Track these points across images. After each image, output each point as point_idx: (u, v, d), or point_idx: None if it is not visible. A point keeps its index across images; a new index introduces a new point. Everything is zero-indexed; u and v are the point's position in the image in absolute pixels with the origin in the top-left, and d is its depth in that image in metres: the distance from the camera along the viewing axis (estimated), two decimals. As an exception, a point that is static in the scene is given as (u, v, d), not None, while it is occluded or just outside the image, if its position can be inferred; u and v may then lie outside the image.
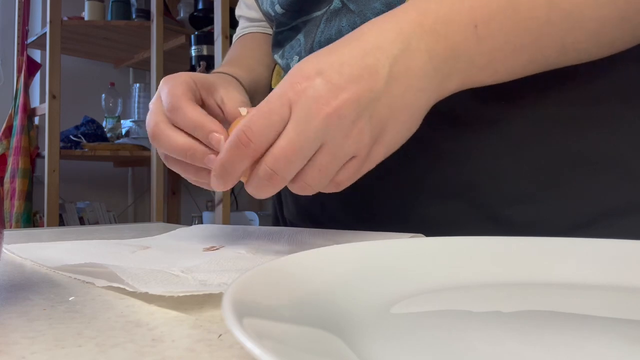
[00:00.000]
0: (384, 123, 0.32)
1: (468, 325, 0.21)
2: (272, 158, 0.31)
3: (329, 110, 0.29)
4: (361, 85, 0.30)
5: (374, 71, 0.30)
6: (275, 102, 0.30)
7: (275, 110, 0.30)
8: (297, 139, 0.30)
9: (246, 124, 0.31)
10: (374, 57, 0.30)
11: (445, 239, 0.30)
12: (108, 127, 2.29)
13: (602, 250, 0.28)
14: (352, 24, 0.41)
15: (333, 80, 0.30)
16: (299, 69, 0.31)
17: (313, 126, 0.30)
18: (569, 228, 0.38)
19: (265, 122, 0.30)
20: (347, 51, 0.31)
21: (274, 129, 0.30)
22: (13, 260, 0.38)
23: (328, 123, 0.30)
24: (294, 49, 0.48)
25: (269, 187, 0.32)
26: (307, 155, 0.31)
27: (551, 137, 0.39)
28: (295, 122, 0.30)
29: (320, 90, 0.30)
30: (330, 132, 0.30)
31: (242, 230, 0.50)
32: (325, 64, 0.30)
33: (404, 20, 0.31)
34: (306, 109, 0.30)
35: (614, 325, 0.21)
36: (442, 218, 0.42)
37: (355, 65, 0.30)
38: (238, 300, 0.16)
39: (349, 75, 0.30)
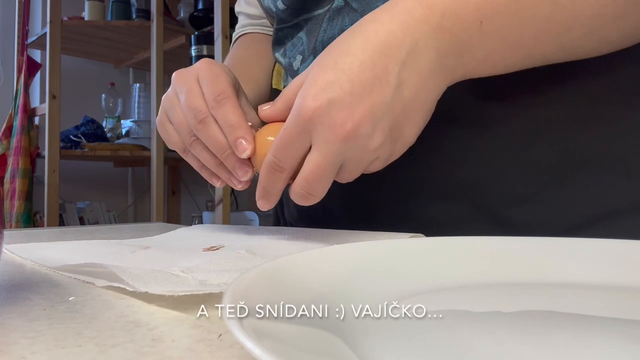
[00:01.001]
0: (400, 126, 0.33)
1: (468, 325, 0.21)
2: (304, 181, 0.33)
3: (346, 133, 0.31)
4: (373, 98, 0.31)
5: (384, 81, 0.31)
6: (291, 130, 0.32)
7: (293, 138, 0.32)
8: (322, 162, 0.32)
9: (275, 154, 0.33)
10: (382, 66, 0.30)
11: (445, 239, 0.30)
12: (108, 127, 2.29)
13: (602, 250, 0.28)
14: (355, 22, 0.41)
15: (344, 102, 0.30)
16: (308, 87, 0.32)
17: (334, 149, 0.31)
18: (569, 228, 0.38)
19: (289, 151, 0.33)
20: (356, 65, 0.31)
21: (298, 155, 0.33)
22: (13, 260, 0.38)
23: (347, 143, 0.31)
24: (296, 48, 0.47)
25: (308, 202, 0.35)
26: (334, 172, 0.33)
27: (552, 138, 0.39)
28: (317, 147, 0.32)
29: (333, 116, 0.31)
30: (351, 149, 0.32)
31: (242, 230, 0.50)
32: (333, 82, 0.31)
33: (410, 16, 0.31)
34: (325, 135, 0.31)
35: (614, 325, 0.21)
36: (443, 218, 0.41)
37: (365, 80, 0.30)
38: (238, 300, 0.16)
39: (360, 92, 0.30)
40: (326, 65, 0.32)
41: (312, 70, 0.33)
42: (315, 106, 0.31)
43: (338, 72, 0.31)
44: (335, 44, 0.33)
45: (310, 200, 0.35)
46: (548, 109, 0.39)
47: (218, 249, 0.40)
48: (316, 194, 0.34)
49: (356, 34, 0.32)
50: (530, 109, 0.39)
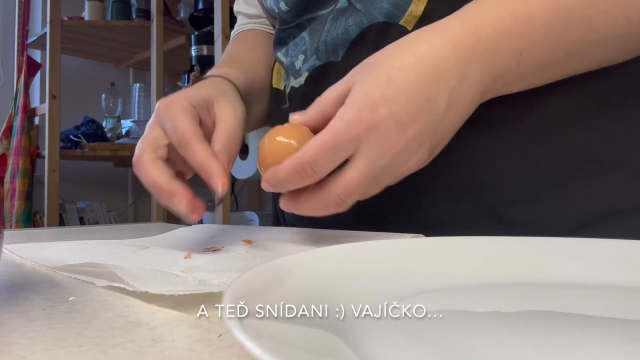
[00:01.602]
0: (438, 144, 0.35)
1: (468, 325, 0.21)
2: (345, 189, 0.33)
3: (398, 149, 0.32)
4: (424, 119, 0.32)
5: (434, 104, 0.32)
6: (342, 135, 0.31)
7: (342, 144, 0.32)
8: (367, 172, 0.32)
9: (312, 157, 0.32)
10: (434, 90, 0.32)
11: (445, 239, 0.30)
12: (108, 127, 2.29)
13: (603, 250, 0.28)
14: (359, 23, 0.41)
15: (400, 118, 0.31)
16: (363, 97, 0.32)
17: (383, 162, 0.32)
18: (572, 228, 0.38)
19: (332, 156, 0.32)
20: (410, 82, 0.31)
21: (338, 161, 0.32)
22: (13, 260, 0.38)
23: (395, 158, 0.32)
24: (298, 47, 0.47)
25: (332, 211, 0.35)
26: (371, 183, 0.34)
27: (555, 138, 0.39)
28: (367, 158, 0.32)
29: (389, 129, 0.31)
30: (395, 164, 0.33)
31: (242, 230, 0.50)
32: (390, 96, 0.31)
33: (460, 44, 0.32)
34: (376, 146, 0.32)
35: (614, 325, 0.21)
36: (446, 219, 0.41)
37: (418, 99, 0.31)
38: (238, 300, 0.16)
39: (415, 111, 0.31)
40: (378, 78, 0.32)
41: (360, 80, 0.33)
42: (374, 117, 0.31)
43: (394, 86, 0.31)
44: (384, 59, 0.33)
45: (342, 208, 0.34)
46: (551, 109, 0.39)
47: (218, 249, 0.40)
48: (350, 202, 0.34)
49: (407, 51, 0.32)
50: (533, 109, 0.39)
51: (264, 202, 2.44)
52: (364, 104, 0.31)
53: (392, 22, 0.40)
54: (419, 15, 0.39)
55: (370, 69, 0.33)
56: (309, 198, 0.34)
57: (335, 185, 0.33)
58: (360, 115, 0.31)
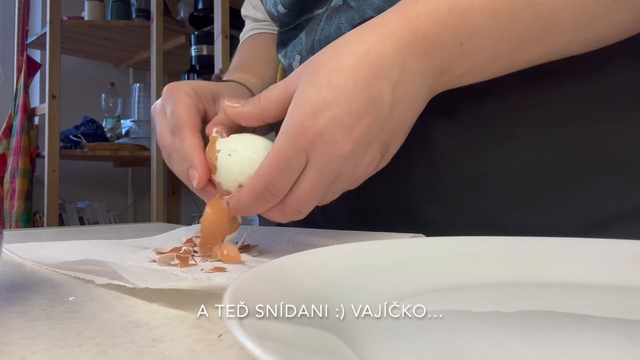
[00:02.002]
0: (389, 144, 0.34)
1: (468, 325, 0.21)
2: (297, 201, 0.33)
3: (346, 153, 0.31)
4: (369, 118, 0.31)
5: (378, 101, 0.31)
6: (289, 151, 0.31)
7: (292, 161, 0.31)
8: (318, 181, 0.32)
9: (267, 181, 0.32)
10: (376, 88, 0.31)
11: (445, 239, 0.30)
12: (108, 127, 2.29)
13: (603, 250, 0.28)
14: (351, 20, 0.41)
15: (344, 122, 0.31)
16: (304, 105, 0.31)
17: (332, 168, 0.32)
18: (574, 233, 0.37)
19: (286, 175, 0.32)
20: (350, 83, 0.31)
21: (293, 177, 0.32)
22: (13, 260, 0.38)
23: (344, 162, 0.32)
24: (295, 48, 0.47)
25: (295, 218, 0.35)
26: (326, 189, 0.33)
27: (554, 139, 0.38)
28: (316, 168, 0.32)
29: (334, 136, 0.31)
30: (346, 167, 0.32)
31: (242, 230, 0.50)
32: (331, 101, 0.31)
33: (398, 39, 0.31)
34: (324, 155, 0.31)
35: (614, 325, 0.21)
36: (443, 221, 0.41)
37: (361, 99, 0.31)
38: (238, 300, 0.16)
39: (357, 112, 0.31)
40: (319, 82, 0.31)
41: (300, 87, 0.32)
42: (317, 125, 0.30)
43: (334, 90, 0.31)
44: (322, 61, 0.32)
45: (297, 218, 0.34)
46: (550, 109, 0.38)
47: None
48: (306, 212, 0.34)
49: (344, 52, 0.32)
50: (532, 109, 0.39)
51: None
52: (305, 113, 0.31)
53: None
54: None
55: (309, 74, 0.32)
56: (272, 212, 0.35)
57: (289, 197, 0.33)
58: (303, 126, 0.31)
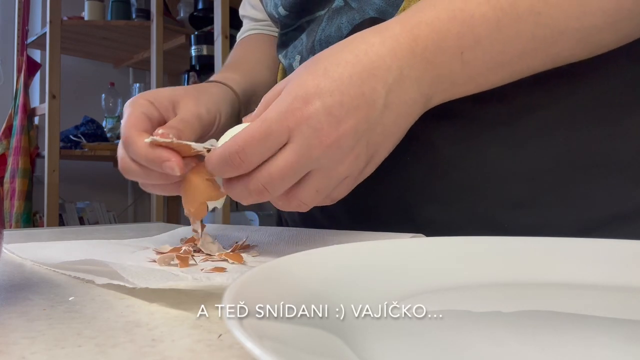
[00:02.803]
0: (377, 147, 0.33)
1: (468, 325, 0.21)
2: (268, 176, 0.32)
3: (329, 142, 0.31)
4: (359, 115, 0.31)
5: (370, 101, 0.31)
6: (273, 125, 0.30)
7: (273, 134, 0.30)
8: (295, 163, 0.31)
9: (240, 145, 0.31)
10: (370, 86, 0.31)
11: (445, 239, 0.30)
12: (108, 127, 2.29)
13: (603, 250, 0.28)
14: (352, 20, 0.41)
15: (334, 111, 0.30)
16: (297, 88, 0.31)
17: (313, 154, 0.31)
18: (573, 233, 0.37)
19: (261, 146, 0.31)
20: (346, 76, 0.31)
21: (268, 152, 0.31)
22: (13, 260, 0.38)
23: (327, 152, 0.31)
24: (296, 49, 0.48)
25: (255, 199, 0.33)
26: (299, 176, 0.32)
27: (554, 140, 0.38)
28: (296, 148, 0.31)
29: (321, 122, 0.30)
30: (328, 159, 0.32)
31: (242, 230, 0.50)
32: (324, 89, 0.30)
33: (397, 44, 0.32)
34: (307, 139, 0.30)
35: (614, 325, 0.21)
36: (443, 221, 0.41)
37: (354, 94, 0.31)
38: (238, 300, 0.16)
39: (349, 106, 0.31)
40: (315, 71, 0.31)
41: (297, 74, 0.32)
42: (306, 108, 0.30)
43: (329, 79, 0.31)
44: (323, 55, 0.33)
45: (262, 197, 0.33)
46: (549, 110, 0.38)
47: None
48: (272, 191, 0.32)
49: (345, 49, 0.32)
50: (531, 110, 0.39)
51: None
52: (297, 95, 0.31)
53: (384, 18, 0.40)
54: None
55: (307, 64, 0.32)
56: (234, 182, 0.33)
57: (260, 171, 0.32)
58: (293, 105, 0.30)
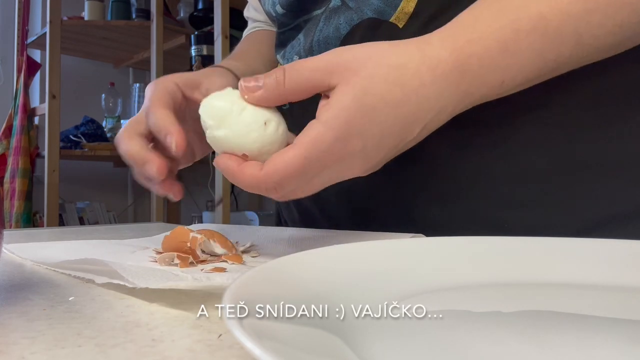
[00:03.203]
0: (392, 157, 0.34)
1: (468, 325, 0.21)
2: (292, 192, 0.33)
3: (354, 174, 0.33)
4: (390, 153, 0.33)
5: (404, 139, 0.33)
6: (312, 163, 0.30)
7: (310, 172, 0.31)
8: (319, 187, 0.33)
9: (277, 182, 0.31)
10: (410, 130, 0.32)
11: (445, 239, 0.30)
12: (108, 127, 2.29)
13: (603, 250, 0.28)
14: (350, 20, 0.41)
15: (370, 153, 0.32)
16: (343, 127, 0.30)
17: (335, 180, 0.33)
18: (572, 233, 0.37)
19: (298, 179, 0.31)
20: (390, 121, 0.31)
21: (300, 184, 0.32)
22: (13, 260, 0.38)
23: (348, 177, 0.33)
24: (294, 49, 0.48)
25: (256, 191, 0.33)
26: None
27: (553, 140, 0.38)
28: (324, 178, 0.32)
29: (356, 162, 0.32)
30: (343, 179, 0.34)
31: (242, 230, 0.50)
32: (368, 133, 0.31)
33: (446, 83, 0.31)
34: (337, 174, 0.32)
35: (614, 325, 0.21)
36: (443, 222, 0.41)
37: (393, 137, 0.32)
38: (238, 300, 0.16)
39: (384, 148, 0.32)
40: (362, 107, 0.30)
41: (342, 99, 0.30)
42: (347, 150, 0.31)
43: (374, 122, 0.31)
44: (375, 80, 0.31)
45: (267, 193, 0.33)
46: (548, 110, 0.38)
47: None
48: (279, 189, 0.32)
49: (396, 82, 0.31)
50: (530, 110, 0.39)
51: (264, 202, 2.44)
52: (340, 135, 0.30)
53: (383, 19, 0.40)
54: (410, 12, 0.39)
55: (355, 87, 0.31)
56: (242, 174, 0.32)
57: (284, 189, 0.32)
58: (335, 146, 0.30)
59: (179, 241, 0.37)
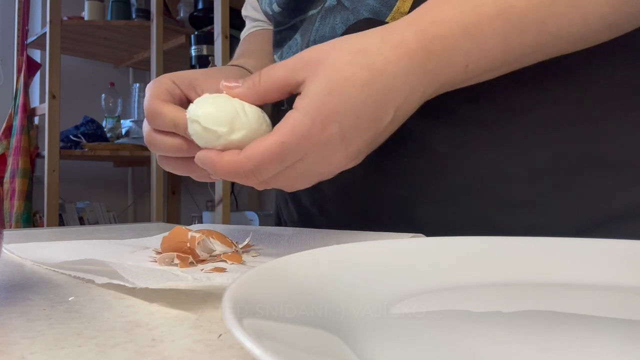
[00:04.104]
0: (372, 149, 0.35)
1: (468, 325, 0.21)
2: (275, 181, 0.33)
3: (337, 162, 0.33)
4: (368, 136, 0.33)
5: (380, 122, 0.33)
6: (291, 147, 0.31)
7: (289, 156, 0.32)
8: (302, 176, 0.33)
9: (256, 165, 0.31)
10: (383, 109, 0.32)
11: (445, 239, 0.30)
12: (108, 127, 2.29)
13: (603, 250, 0.28)
14: (345, 20, 0.41)
15: (347, 135, 0.32)
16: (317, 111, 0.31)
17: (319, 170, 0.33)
18: (571, 233, 0.37)
19: (277, 166, 0.32)
20: (362, 100, 0.31)
21: (280, 170, 0.32)
22: (13, 260, 0.38)
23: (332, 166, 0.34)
24: (291, 49, 0.48)
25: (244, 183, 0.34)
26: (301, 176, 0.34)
27: (551, 140, 0.38)
28: (306, 165, 0.33)
29: (335, 146, 0.32)
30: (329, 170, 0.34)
31: (242, 230, 0.50)
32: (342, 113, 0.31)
33: (411, 62, 0.32)
34: (318, 159, 0.32)
35: (614, 325, 0.21)
36: (441, 222, 0.41)
37: (368, 117, 0.32)
38: (238, 300, 0.16)
39: (361, 129, 0.32)
40: (332, 90, 0.31)
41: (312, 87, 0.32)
42: (324, 134, 0.31)
43: (346, 102, 0.31)
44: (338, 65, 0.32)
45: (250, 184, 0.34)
46: (546, 110, 0.38)
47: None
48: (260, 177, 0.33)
49: (362, 64, 0.32)
50: (529, 110, 0.39)
51: (264, 202, 2.44)
52: (316, 119, 0.31)
53: (378, 19, 0.40)
54: (405, 12, 0.39)
55: (319, 75, 0.32)
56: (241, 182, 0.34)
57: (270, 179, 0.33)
58: (312, 130, 0.31)
59: (177, 241, 0.37)
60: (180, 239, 0.37)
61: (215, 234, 0.39)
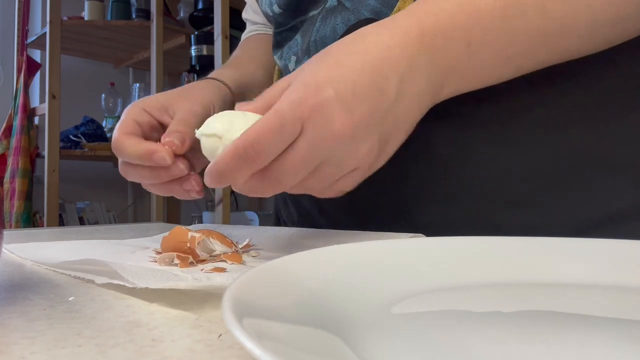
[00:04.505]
0: (388, 138, 0.32)
1: (468, 325, 0.21)
2: (281, 171, 0.30)
3: (342, 132, 0.30)
4: (372, 105, 0.30)
5: (383, 90, 0.30)
6: (286, 116, 0.29)
7: (287, 125, 0.29)
8: (308, 156, 0.30)
9: (255, 138, 0.29)
10: (383, 76, 0.30)
11: (445, 239, 0.30)
12: (108, 127, 2.29)
13: (603, 250, 0.28)
14: (346, 21, 0.41)
15: (347, 99, 0.30)
16: (309, 78, 0.30)
17: (325, 145, 0.30)
18: (571, 233, 0.37)
19: (277, 138, 0.29)
20: (358, 66, 0.30)
21: (283, 144, 0.30)
22: (13, 260, 0.38)
23: (340, 143, 0.30)
24: (291, 50, 0.48)
25: (268, 192, 0.32)
26: (312, 169, 0.31)
27: (551, 140, 0.38)
28: (308, 139, 0.30)
29: (334, 111, 0.29)
30: (340, 150, 0.31)
31: (242, 230, 0.50)
32: (336, 77, 0.30)
33: (407, 37, 0.31)
34: (320, 129, 0.30)
35: (614, 325, 0.21)
36: (441, 222, 0.41)
37: (367, 83, 0.30)
38: (238, 300, 0.16)
39: (362, 95, 0.30)
40: (326, 61, 0.31)
41: (307, 66, 0.32)
42: (319, 97, 0.29)
43: (341, 68, 0.30)
44: (333, 47, 0.32)
45: (275, 190, 0.32)
46: (547, 109, 0.38)
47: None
48: (285, 183, 0.31)
49: (355, 41, 0.32)
50: (529, 109, 0.39)
51: (264, 202, 2.44)
52: (309, 83, 0.30)
53: (379, 19, 0.40)
54: None
55: (319, 57, 0.32)
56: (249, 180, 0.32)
57: (274, 166, 0.30)
58: (305, 94, 0.29)
59: (177, 241, 0.37)
60: (180, 239, 0.37)
61: (215, 234, 0.39)
